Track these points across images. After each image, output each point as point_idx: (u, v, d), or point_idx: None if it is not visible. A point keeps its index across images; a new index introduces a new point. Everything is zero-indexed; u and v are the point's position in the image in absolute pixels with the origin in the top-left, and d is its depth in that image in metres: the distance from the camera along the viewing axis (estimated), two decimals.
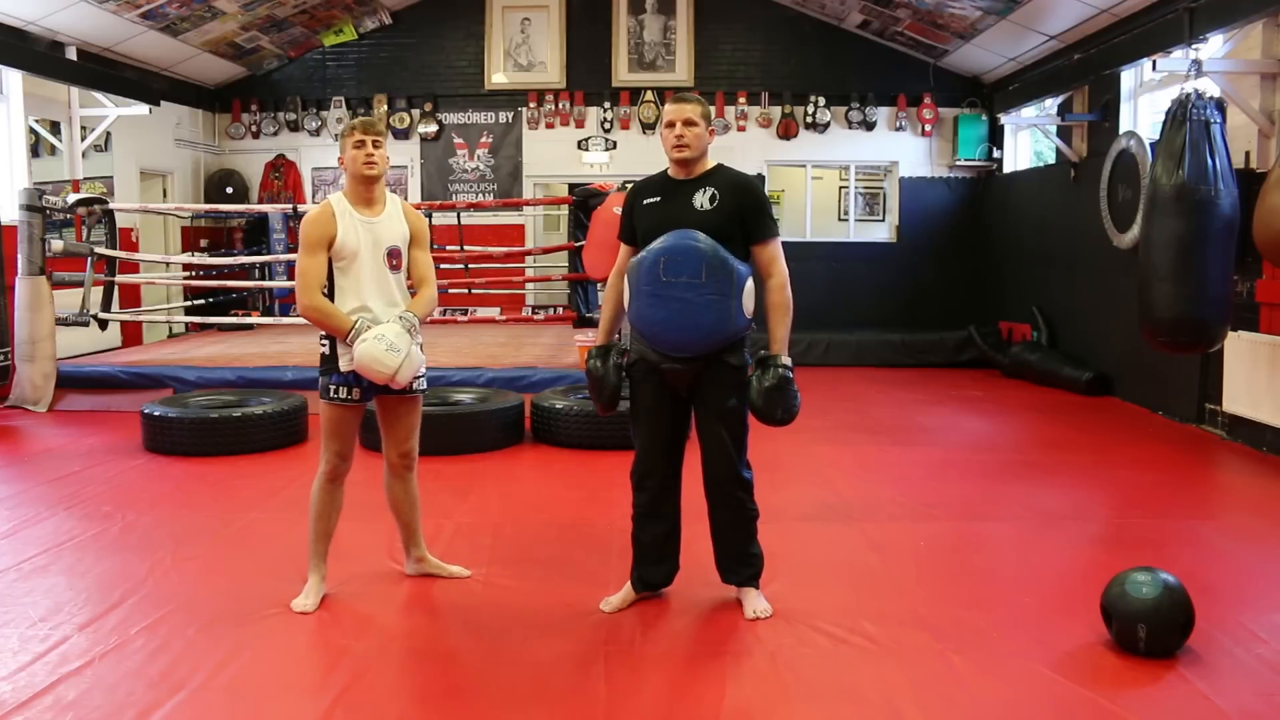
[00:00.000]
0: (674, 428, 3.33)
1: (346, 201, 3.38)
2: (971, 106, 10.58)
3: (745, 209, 3.19)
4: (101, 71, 8.70)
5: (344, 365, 3.33)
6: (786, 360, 3.18)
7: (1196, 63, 5.65)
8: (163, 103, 9.55)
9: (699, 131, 3.19)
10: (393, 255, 3.40)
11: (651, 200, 3.28)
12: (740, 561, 3.35)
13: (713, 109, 10.73)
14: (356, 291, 3.34)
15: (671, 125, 3.21)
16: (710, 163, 3.29)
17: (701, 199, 3.19)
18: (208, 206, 9.81)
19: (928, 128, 10.68)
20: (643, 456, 3.36)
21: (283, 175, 10.96)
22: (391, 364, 3.25)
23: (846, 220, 11.31)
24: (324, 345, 3.39)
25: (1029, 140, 10.18)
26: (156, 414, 5.72)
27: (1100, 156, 7.75)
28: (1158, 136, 5.66)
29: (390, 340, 3.25)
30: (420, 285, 3.51)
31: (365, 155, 3.34)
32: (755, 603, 3.31)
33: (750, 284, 3.16)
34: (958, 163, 10.60)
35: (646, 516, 3.39)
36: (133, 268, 9.00)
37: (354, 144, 3.34)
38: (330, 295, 3.35)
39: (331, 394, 3.37)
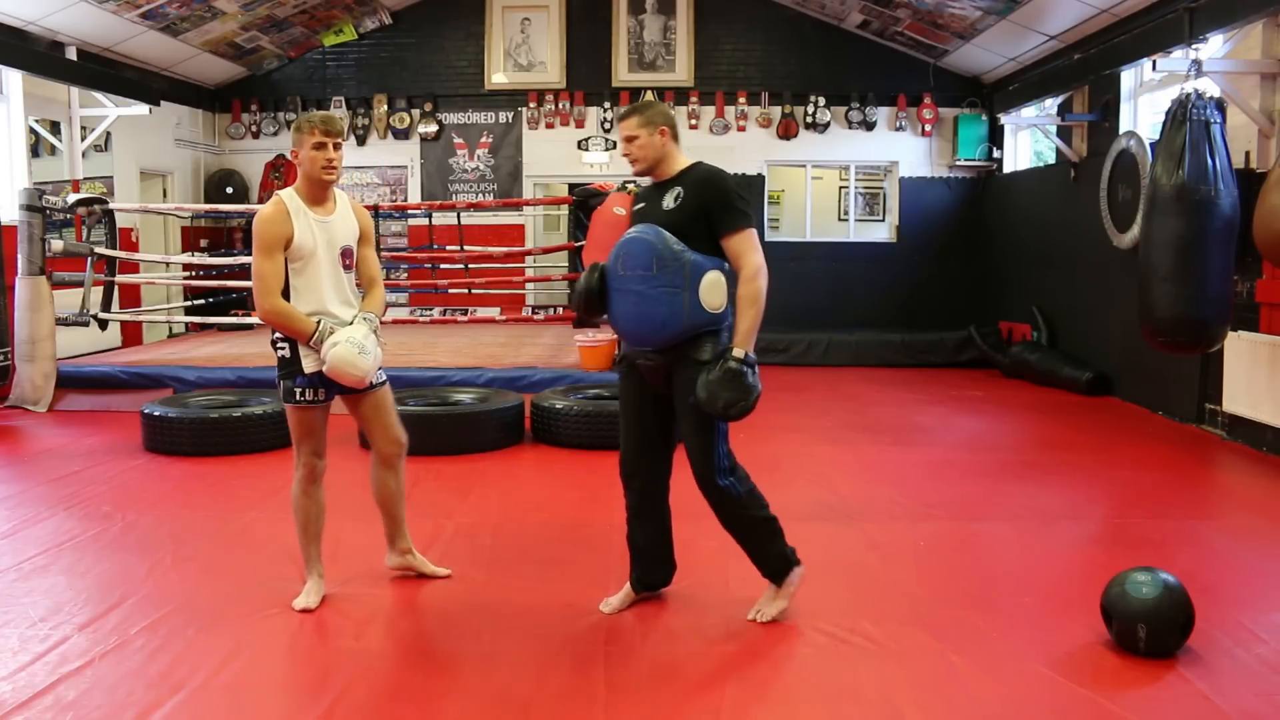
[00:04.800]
0: (656, 426, 3.30)
1: (300, 199, 3.30)
2: (971, 106, 10.58)
3: (709, 203, 3.14)
4: (101, 71, 8.70)
5: (308, 367, 3.29)
6: (739, 353, 3.07)
7: (1196, 63, 5.65)
8: (163, 103, 9.55)
9: (642, 142, 3.22)
10: (346, 254, 3.36)
11: (639, 205, 3.33)
12: (756, 559, 3.33)
13: (712, 108, 10.74)
14: (313, 292, 3.29)
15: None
16: (686, 162, 3.28)
17: (669, 199, 3.20)
18: (208, 206, 9.81)
19: (928, 128, 10.68)
20: (625, 454, 3.35)
21: (283, 175, 10.96)
22: (365, 367, 3.25)
23: (846, 220, 11.30)
24: (283, 348, 3.33)
25: (1029, 140, 10.18)
26: (156, 414, 5.72)
27: (1100, 156, 7.75)
28: (1158, 136, 5.66)
29: (360, 342, 3.24)
30: (370, 285, 3.49)
31: (325, 159, 3.25)
32: (762, 603, 3.29)
33: (712, 277, 3.10)
34: (958, 163, 10.60)
35: (635, 517, 3.38)
36: (133, 268, 9.00)
37: (314, 144, 3.24)
38: (285, 296, 3.28)
39: (298, 397, 3.32)
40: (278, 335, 3.33)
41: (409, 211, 10.62)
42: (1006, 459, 5.77)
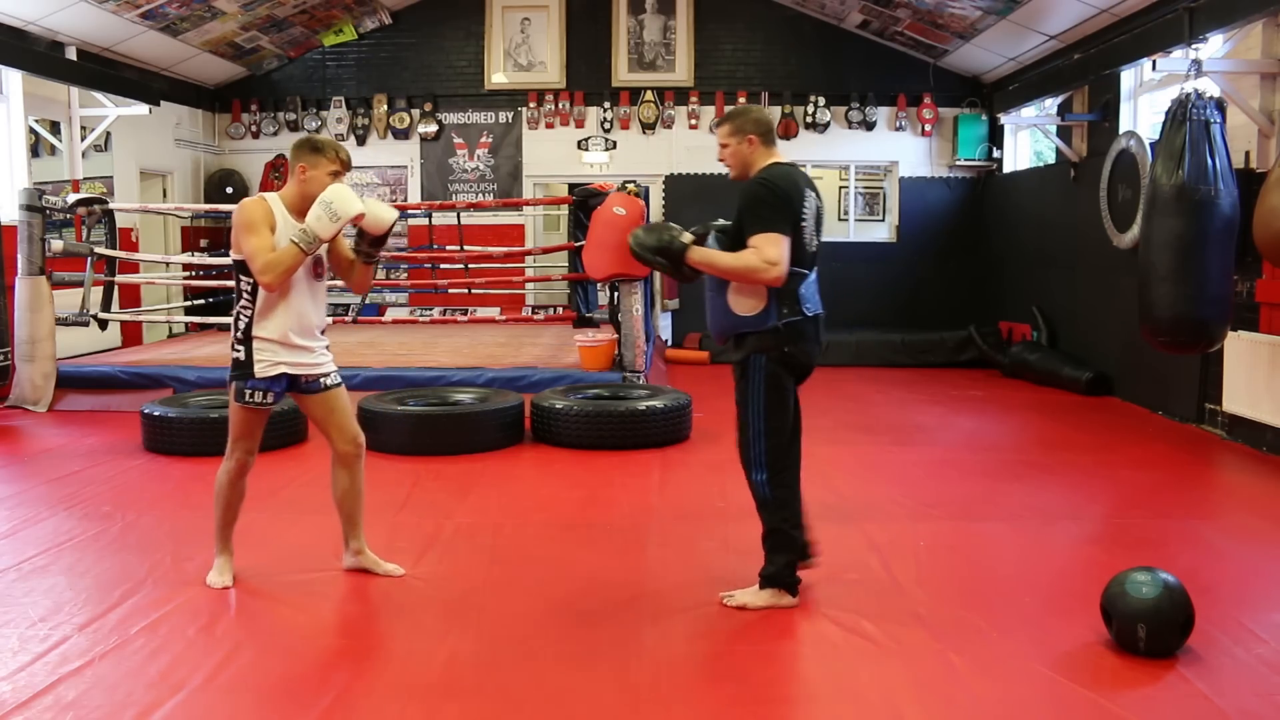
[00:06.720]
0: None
1: (283, 205, 3.41)
2: (971, 106, 10.58)
3: (739, 210, 3.29)
4: (101, 71, 8.70)
5: (259, 370, 3.39)
6: (686, 238, 3.26)
7: (1196, 63, 5.65)
8: (163, 103, 9.55)
9: (732, 150, 3.38)
10: (317, 264, 3.47)
11: None
12: (765, 554, 3.37)
13: (711, 108, 10.74)
14: (284, 293, 3.37)
15: None
16: (764, 164, 3.37)
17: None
18: (208, 206, 9.80)
19: (928, 128, 10.68)
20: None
21: (282, 175, 10.96)
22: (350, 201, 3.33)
23: (846, 220, 11.31)
24: (238, 351, 3.43)
25: (1029, 140, 10.18)
26: (156, 414, 5.71)
27: (1100, 156, 7.75)
28: (1158, 136, 5.66)
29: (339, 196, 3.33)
30: None
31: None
32: (741, 591, 3.36)
33: (739, 283, 3.24)
34: (958, 163, 10.60)
35: None
36: (133, 268, 9.00)
37: (332, 172, 3.39)
38: (253, 295, 3.37)
39: (247, 398, 3.44)
40: (236, 338, 3.43)
41: (409, 211, 10.59)
42: (1006, 459, 5.77)
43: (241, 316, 3.41)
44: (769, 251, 3.16)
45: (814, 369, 3.45)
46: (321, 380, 3.52)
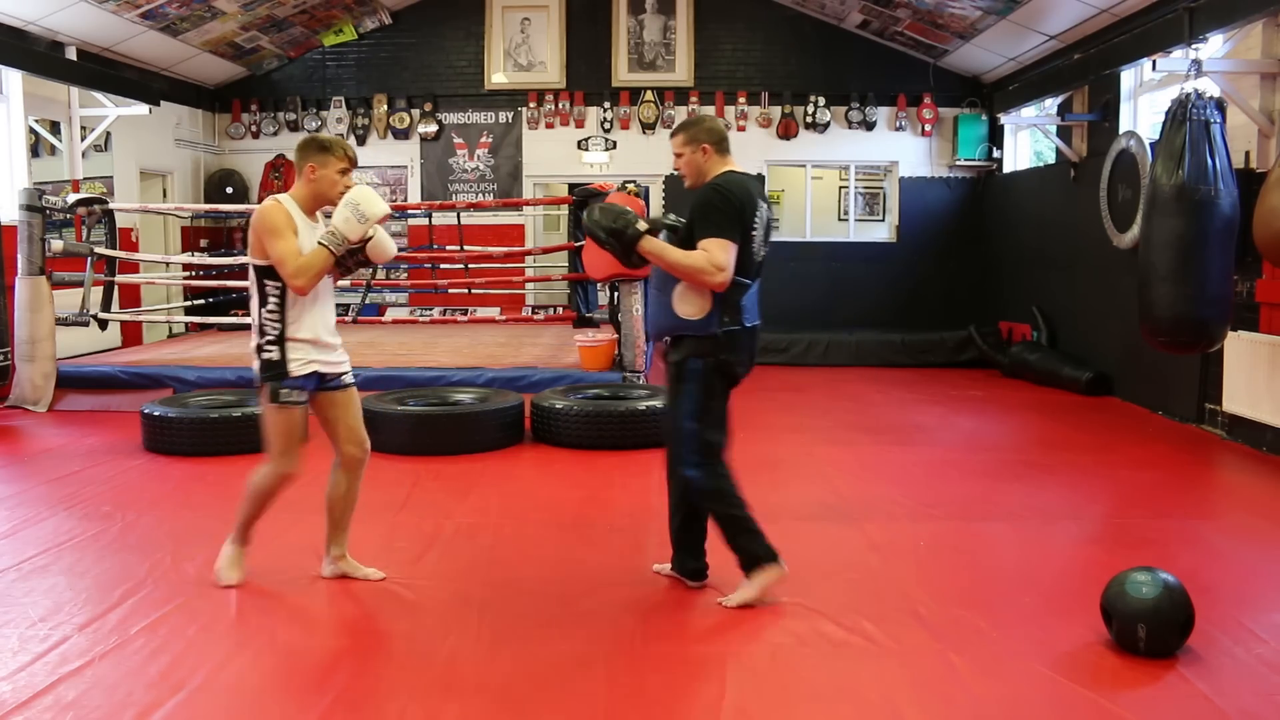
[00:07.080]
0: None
1: (297, 207, 3.43)
2: (971, 106, 10.58)
3: (691, 214, 3.34)
4: (101, 71, 8.70)
5: (294, 369, 3.38)
6: (642, 225, 3.28)
7: (1196, 63, 5.65)
8: (163, 103, 9.55)
9: (686, 159, 3.44)
10: None
11: None
12: (730, 549, 3.40)
13: (712, 108, 10.73)
14: (311, 295, 3.39)
15: None
16: (718, 172, 3.41)
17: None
18: (208, 206, 9.81)
19: (928, 128, 10.68)
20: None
21: (283, 175, 10.96)
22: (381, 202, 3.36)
23: (846, 220, 11.31)
24: (269, 351, 3.40)
25: (1029, 140, 10.18)
26: (156, 414, 5.72)
27: (1100, 156, 7.75)
28: (1158, 136, 5.66)
29: (362, 195, 3.35)
30: None
31: (345, 184, 3.43)
32: (735, 594, 3.38)
33: (685, 286, 3.29)
34: (958, 163, 10.60)
35: (671, 505, 3.57)
36: (133, 268, 9.00)
37: (341, 170, 3.41)
38: (282, 299, 3.36)
39: (283, 397, 3.40)
40: (266, 340, 3.39)
41: (409, 211, 10.62)
42: (1006, 459, 5.77)
43: (271, 321, 3.39)
44: (718, 256, 3.22)
45: (742, 379, 3.45)
46: (342, 378, 3.53)
